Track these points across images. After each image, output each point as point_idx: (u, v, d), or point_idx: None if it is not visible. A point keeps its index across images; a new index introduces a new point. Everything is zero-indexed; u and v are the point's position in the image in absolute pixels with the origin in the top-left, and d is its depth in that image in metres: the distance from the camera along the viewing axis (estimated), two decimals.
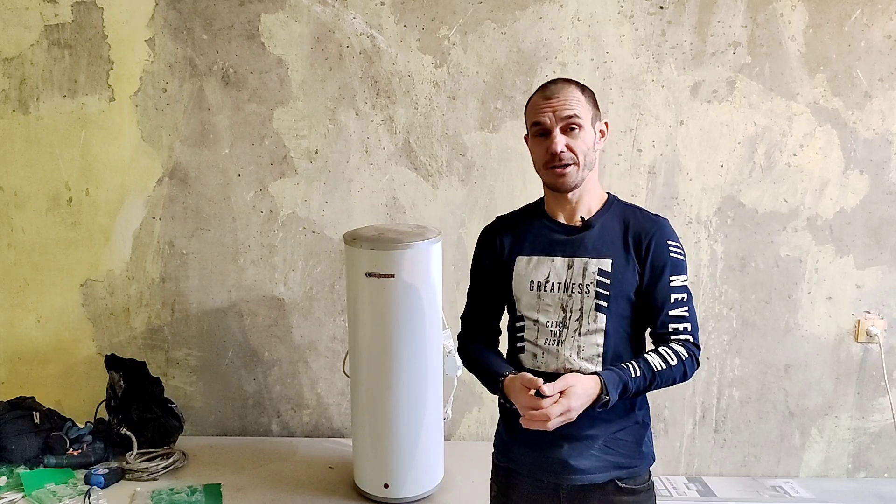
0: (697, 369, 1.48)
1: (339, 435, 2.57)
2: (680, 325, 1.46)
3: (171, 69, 2.39)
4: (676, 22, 2.34)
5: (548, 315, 1.48)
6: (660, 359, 1.41)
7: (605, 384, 1.36)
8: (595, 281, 1.44)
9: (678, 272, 1.47)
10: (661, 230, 1.48)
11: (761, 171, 2.42)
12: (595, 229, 1.48)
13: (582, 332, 1.46)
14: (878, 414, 2.54)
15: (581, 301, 1.45)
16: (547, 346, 1.48)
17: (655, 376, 1.40)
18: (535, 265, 1.50)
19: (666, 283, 1.46)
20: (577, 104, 1.44)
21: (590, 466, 1.47)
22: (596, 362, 1.45)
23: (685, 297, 1.47)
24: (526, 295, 1.50)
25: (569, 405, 1.32)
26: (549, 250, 1.49)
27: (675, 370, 1.42)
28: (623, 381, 1.37)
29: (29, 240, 2.48)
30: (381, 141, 2.42)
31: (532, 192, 2.42)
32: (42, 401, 2.38)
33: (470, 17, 2.35)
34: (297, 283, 2.50)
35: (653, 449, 1.56)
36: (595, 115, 1.48)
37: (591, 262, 1.46)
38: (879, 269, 2.47)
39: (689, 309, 1.48)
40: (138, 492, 2.10)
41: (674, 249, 1.47)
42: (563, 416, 1.33)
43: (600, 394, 1.35)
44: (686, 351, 1.44)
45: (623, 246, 1.47)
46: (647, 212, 1.53)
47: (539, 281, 1.49)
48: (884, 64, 2.35)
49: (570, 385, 1.34)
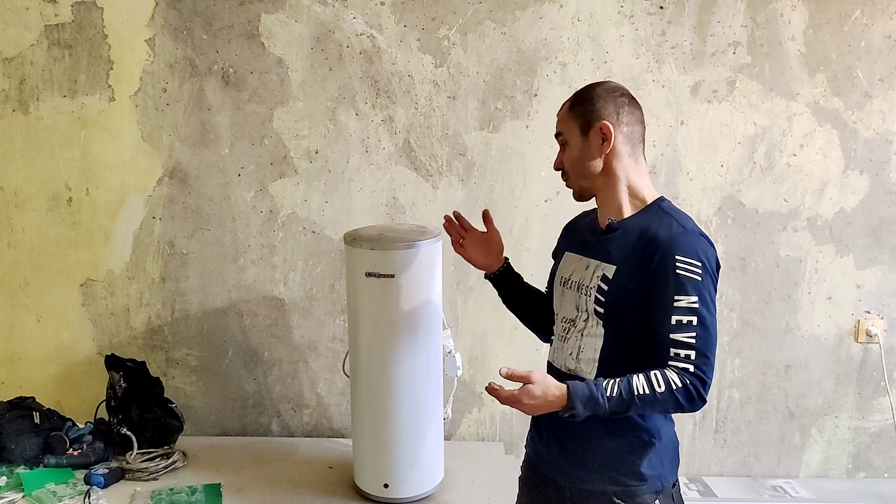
0: (701, 405, 1.32)
1: (339, 435, 2.57)
2: (681, 351, 1.32)
3: (171, 69, 2.39)
4: (676, 22, 2.34)
5: (565, 312, 1.52)
6: (645, 382, 1.30)
7: (572, 396, 1.30)
8: (597, 286, 1.44)
9: (685, 292, 1.32)
10: (674, 242, 1.35)
11: (761, 171, 2.42)
12: (616, 234, 1.45)
13: (585, 333, 1.46)
14: (878, 414, 2.54)
15: (586, 303, 1.46)
16: (559, 342, 1.53)
17: (635, 400, 1.30)
18: (569, 262, 1.55)
19: (668, 302, 1.33)
20: (561, 122, 1.50)
21: (584, 474, 1.48)
22: (592, 366, 1.44)
23: (693, 321, 1.32)
24: (556, 289, 1.57)
25: (518, 397, 1.32)
26: (580, 249, 1.54)
27: (662, 398, 1.30)
28: (593, 398, 1.30)
29: (29, 240, 2.48)
30: (381, 141, 2.42)
31: (532, 192, 2.43)
32: (42, 401, 2.38)
33: (470, 17, 2.35)
34: (297, 283, 2.50)
35: (664, 472, 1.46)
36: (584, 124, 1.45)
37: (600, 265, 1.45)
38: (879, 269, 2.47)
39: (699, 336, 1.32)
40: (138, 492, 2.10)
41: (683, 266, 1.33)
42: (508, 401, 1.34)
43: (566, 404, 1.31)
44: (681, 380, 1.30)
45: (632, 254, 1.40)
46: (676, 221, 1.40)
47: (564, 277, 1.54)
48: (884, 64, 2.35)
49: (532, 382, 1.32)
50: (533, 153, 2.40)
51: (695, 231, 1.40)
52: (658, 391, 1.30)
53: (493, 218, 1.75)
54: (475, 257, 1.74)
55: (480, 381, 2.52)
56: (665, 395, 1.30)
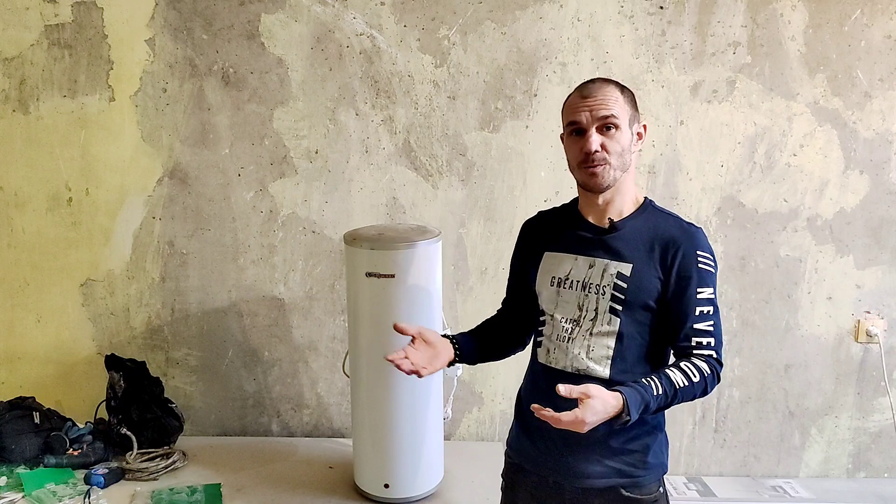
0: (719, 384, 1.43)
1: (339, 435, 2.57)
2: (703, 340, 1.41)
3: (171, 69, 2.39)
4: (676, 22, 2.34)
5: (564, 312, 1.49)
6: (682, 375, 1.36)
7: (627, 403, 1.29)
8: (612, 283, 1.43)
9: (705, 284, 1.42)
10: (692, 239, 1.44)
11: (761, 171, 2.42)
12: (622, 232, 1.46)
13: (594, 332, 1.45)
14: (878, 414, 2.54)
15: (597, 302, 1.45)
16: (559, 343, 1.49)
17: (677, 393, 1.35)
18: (559, 262, 1.51)
19: (692, 295, 1.41)
20: (614, 104, 1.42)
21: (592, 471, 1.47)
22: (605, 364, 1.44)
23: (711, 311, 1.42)
24: (547, 290, 1.52)
25: (583, 418, 1.26)
26: (574, 248, 1.50)
27: (697, 387, 1.37)
28: (645, 401, 1.32)
29: (29, 240, 2.48)
30: (381, 141, 2.42)
31: (532, 193, 2.43)
32: (42, 401, 2.38)
33: (470, 17, 2.35)
34: (297, 283, 2.50)
35: (664, 459, 1.52)
36: (633, 117, 1.46)
37: (612, 264, 1.45)
38: (879, 269, 2.47)
39: (715, 323, 1.42)
40: (138, 492, 2.10)
41: (703, 260, 1.42)
42: (572, 425, 1.27)
43: (621, 412, 1.29)
44: (708, 367, 1.38)
45: (648, 252, 1.44)
46: (681, 220, 1.49)
47: (560, 277, 1.50)
48: (884, 64, 2.35)
49: (591, 397, 1.27)
50: (533, 153, 2.40)
51: (699, 227, 1.48)
52: (694, 380, 1.36)
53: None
54: (435, 364, 1.50)
55: (480, 381, 2.52)
56: (699, 383, 1.37)
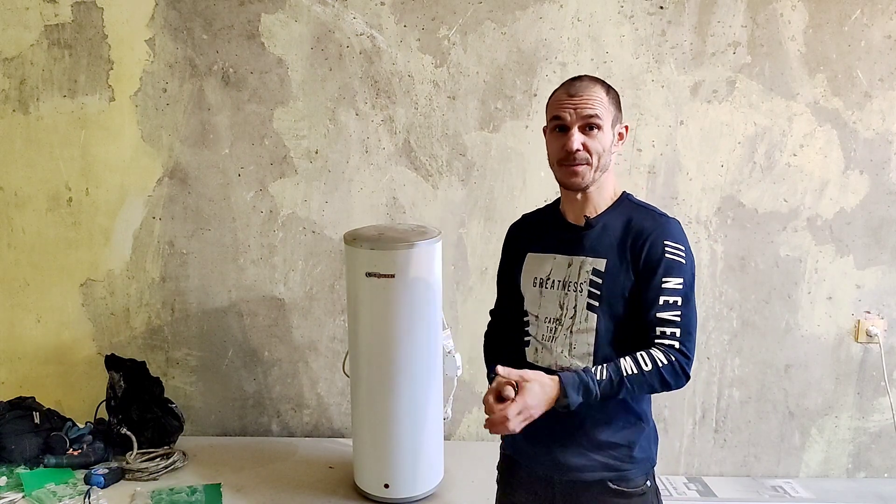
0: (686, 382, 1.39)
1: (339, 435, 2.57)
2: (667, 329, 1.38)
3: (171, 69, 2.39)
4: (676, 22, 2.34)
5: (547, 311, 1.51)
6: (633, 362, 1.35)
7: (564, 386, 1.32)
8: (588, 280, 1.45)
9: (673, 274, 1.40)
10: (661, 229, 1.43)
11: (761, 171, 2.42)
12: (597, 228, 1.48)
13: (574, 329, 1.47)
14: (878, 414, 2.54)
15: (575, 299, 1.46)
16: (544, 342, 1.51)
17: (624, 381, 1.34)
18: (541, 262, 1.53)
19: (656, 284, 1.40)
20: (599, 104, 1.43)
21: (579, 464, 1.48)
22: (587, 361, 1.45)
23: (678, 301, 1.39)
24: (530, 291, 1.54)
25: (524, 403, 1.30)
26: (554, 248, 1.52)
27: (650, 376, 1.35)
28: (583, 383, 1.33)
29: (29, 240, 2.48)
30: (381, 141, 2.42)
31: (532, 193, 2.43)
32: (42, 401, 2.38)
33: (470, 17, 2.35)
34: (297, 283, 2.50)
35: (652, 453, 1.53)
36: (617, 117, 1.47)
37: (588, 260, 1.46)
38: (879, 269, 2.47)
39: (683, 315, 1.39)
40: (138, 492, 2.10)
41: (671, 250, 1.41)
42: (521, 414, 1.31)
43: (559, 395, 1.32)
44: (666, 357, 1.36)
45: (620, 246, 1.45)
46: (655, 212, 1.49)
47: (541, 277, 1.52)
48: (884, 64, 2.35)
49: (528, 381, 1.32)
50: (533, 153, 2.40)
51: (673, 219, 1.47)
52: (645, 369, 1.35)
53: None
54: None
55: (480, 381, 2.52)
56: (652, 373, 1.35)
